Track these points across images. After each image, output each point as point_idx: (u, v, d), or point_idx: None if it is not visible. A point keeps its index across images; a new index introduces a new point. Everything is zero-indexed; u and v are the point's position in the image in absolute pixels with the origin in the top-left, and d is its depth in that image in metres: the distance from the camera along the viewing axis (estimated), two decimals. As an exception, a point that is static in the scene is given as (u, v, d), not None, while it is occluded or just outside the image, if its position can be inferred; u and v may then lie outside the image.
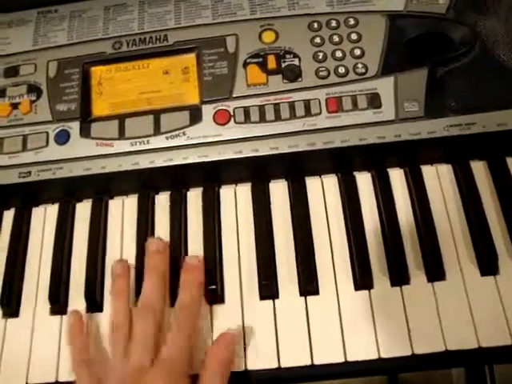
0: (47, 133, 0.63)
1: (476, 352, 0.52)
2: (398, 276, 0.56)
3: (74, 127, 0.63)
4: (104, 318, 0.57)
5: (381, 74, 0.61)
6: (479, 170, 0.60)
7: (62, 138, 0.62)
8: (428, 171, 0.61)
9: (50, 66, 0.66)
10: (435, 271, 0.55)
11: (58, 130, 0.63)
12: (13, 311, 0.59)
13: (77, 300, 0.58)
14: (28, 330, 0.58)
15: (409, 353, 0.52)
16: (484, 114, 0.58)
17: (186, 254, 0.60)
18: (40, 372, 0.56)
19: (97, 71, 0.65)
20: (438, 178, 0.61)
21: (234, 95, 0.62)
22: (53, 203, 0.64)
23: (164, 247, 0.58)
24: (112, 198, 0.64)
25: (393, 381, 0.57)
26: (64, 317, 0.58)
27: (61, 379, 0.55)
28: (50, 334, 0.57)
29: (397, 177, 0.61)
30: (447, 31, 0.62)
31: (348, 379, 0.55)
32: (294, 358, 0.53)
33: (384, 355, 0.53)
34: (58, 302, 0.58)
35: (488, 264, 0.55)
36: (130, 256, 0.60)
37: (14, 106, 0.65)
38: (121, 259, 0.59)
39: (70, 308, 0.58)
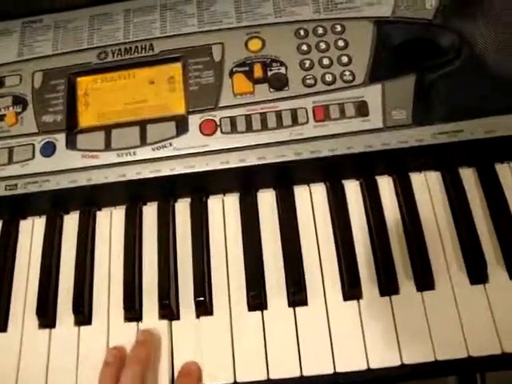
0: (33, 145, 0.62)
1: (466, 361, 0.52)
2: (387, 285, 0.55)
3: (60, 139, 0.62)
4: (92, 331, 0.57)
5: (368, 81, 0.61)
6: (468, 176, 0.60)
7: (48, 150, 0.62)
8: (417, 179, 0.61)
9: (35, 77, 0.65)
10: (424, 280, 0.55)
11: (43, 142, 0.62)
12: (0, 326, 0.58)
13: (65, 313, 0.58)
14: (17, 344, 0.57)
15: (398, 363, 0.52)
16: (472, 121, 0.58)
17: (175, 264, 0.59)
18: (29, 387, 0.55)
19: (82, 82, 0.65)
20: (427, 186, 0.60)
21: (221, 105, 0.61)
22: (40, 216, 0.64)
23: (149, 339, 0.56)
24: (100, 209, 0.64)
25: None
26: (53, 330, 0.58)
27: (49, 394, 0.55)
28: (38, 348, 0.57)
29: (385, 185, 0.61)
30: (434, 37, 0.62)
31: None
32: (283, 369, 0.53)
33: (373, 366, 0.52)
34: (46, 315, 0.58)
35: (477, 272, 0.55)
36: (118, 267, 0.59)
37: (0, 118, 0.64)
38: (114, 348, 0.56)
39: (59, 321, 0.58)
